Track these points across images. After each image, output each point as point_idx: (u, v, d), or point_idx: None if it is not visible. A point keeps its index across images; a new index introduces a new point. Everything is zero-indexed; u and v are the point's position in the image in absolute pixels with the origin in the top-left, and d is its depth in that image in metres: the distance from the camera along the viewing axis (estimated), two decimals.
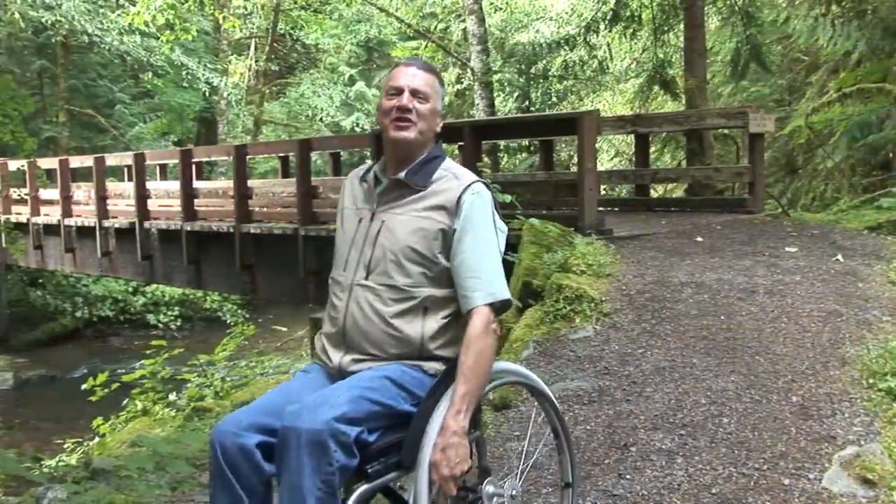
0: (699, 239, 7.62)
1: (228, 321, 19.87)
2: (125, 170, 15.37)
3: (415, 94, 2.68)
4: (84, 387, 9.45)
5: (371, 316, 2.61)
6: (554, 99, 20.45)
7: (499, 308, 2.65)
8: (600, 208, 8.23)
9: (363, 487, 2.42)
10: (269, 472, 2.43)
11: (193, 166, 12.82)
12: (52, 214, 15.55)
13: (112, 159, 15.38)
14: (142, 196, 13.28)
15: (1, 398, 15.73)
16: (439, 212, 2.63)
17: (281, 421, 2.38)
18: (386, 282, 2.61)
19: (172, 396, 9.17)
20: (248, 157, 12.51)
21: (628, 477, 3.61)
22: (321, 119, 27.42)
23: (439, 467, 2.43)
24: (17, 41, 23.09)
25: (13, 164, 16.50)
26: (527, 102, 20.31)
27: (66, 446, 9.18)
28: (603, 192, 12.87)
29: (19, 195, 16.12)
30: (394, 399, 2.51)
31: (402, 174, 2.68)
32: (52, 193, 15.54)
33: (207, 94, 24.75)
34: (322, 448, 2.29)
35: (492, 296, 2.61)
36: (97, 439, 8.93)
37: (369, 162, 2.92)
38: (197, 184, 12.90)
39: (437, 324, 2.63)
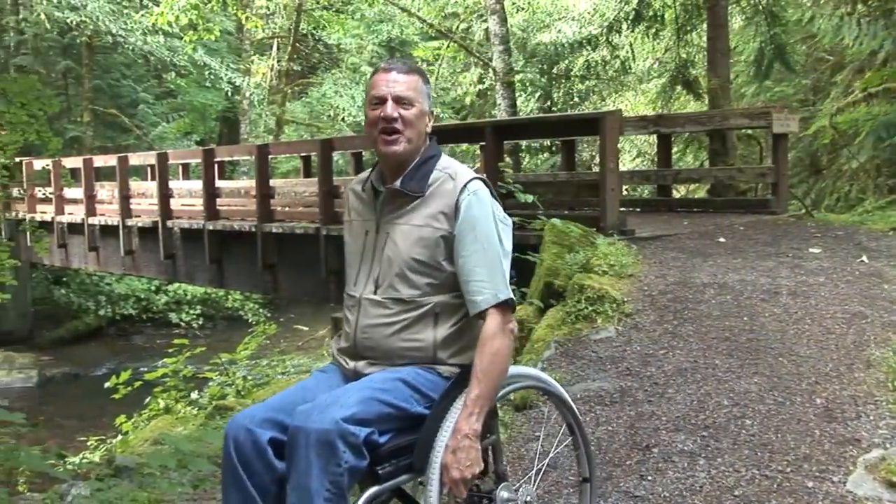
0: (722, 240, 7.58)
1: (250, 320, 19.94)
2: (148, 169, 15.48)
3: (398, 101, 2.61)
4: (107, 385, 9.51)
5: (381, 330, 2.59)
6: (576, 99, 20.39)
7: (509, 308, 2.60)
8: (622, 209, 8.20)
9: (373, 489, 2.40)
10: (281, 471, 2.40)
11: (216, 166, 12.89)
12: (76, 213, 15.66)
13: (135, 159, 15.49)
14: (164, 195, 13.35)
15: (25, 395, 15.87)
16: (438, 218, 2.60)
17: (291, 420, 2.37)
18: (393, 295, 2.59)
19: (194, 395, 9.20)
20: (270, 156, 12.55)
21: (650, 478, 3.58)
22: (343, 119, 27.45)
23: (450, 470, 2.42)
24: (43, 42, 23.28)
25: (38, 164, 16.63)
26: (549, 102, 20.26)
27: (89, 443, 9.24)
28: (625, 193, 12.83)
29: (44, 194, 16.27)
30: (406, 401, 2.49)
31: (397, 183, 2.64)
32: (76, 192, 15.66)
33: (230, 93, 24.87)
34: (330, 448, 2.27)
35: (496, 297, 2.57)
36: (120, 437, 8.98)
37: (367, 171, 2.87)
38: (219, 183, 12.96)
39: (448, 330, 2.61)
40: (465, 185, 2.61)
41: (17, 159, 14.01)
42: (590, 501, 2.99)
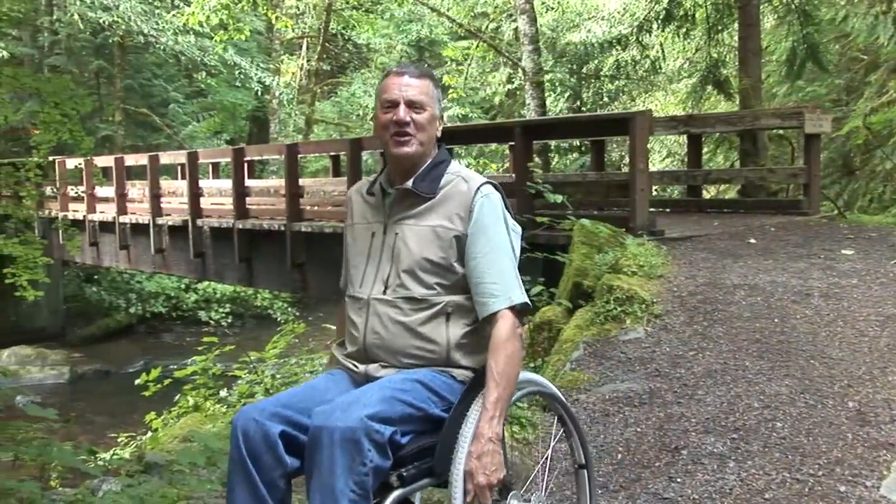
0: (752, 241, 7.52)
1: (279, 319, 19.99)
2: (178, 168, 15.59)
3: (410, 105, 2.61)
4: (137, 382, 9.56)
5: (393, 328, 2.56)
6: (605, 99, 20.33)
7: (520, 311, 2.58)
8: (652, 209, 8.15)
9: (398, 492, 2.35)
10: (290, 467, 2.37)
11: (245, 165, 12.95)
12: (107, 212, 15.79)
13: (166, 157, 15.60)
14: (194, 194, 13.44)
15: (58, 391, 16.03)
16: (452, 219, 2.59)
17: (311, 421, 2.32)
18: (404, 294, 2.56)
19: (223, 393, 9.23)
20: (299, 155, 12.60)
21: (679, 480, 3.56)
22: (372, 118, 27.51)
23: (475, 476, 2.37)
24: (76, 42, 23.52)
25: (71, 163, 16.78)
26: (578, 102, 20.20)
27: (119, 440, 9.31)
28: (654, 193, 12.77)
29: (76, 193, 16.42)
30: (425, 402, 2.45)
31: (409, 183, 2.63)
32: (107, 191, 15.77)
33: (260, 93, 25.00)
34: (356, 446, 2.23)
35: (510, 300, 2.55)
36: (150, 434, 9.04)
37: (372, 175, 2.86)
38: (249, 182, 13.03)
39: (462, 330, 2.58)
40: (478, 188, 2.61)
41: (51, 158, 14.16)
42: (588, 488, 2.93)
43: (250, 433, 2.36)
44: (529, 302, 2.63)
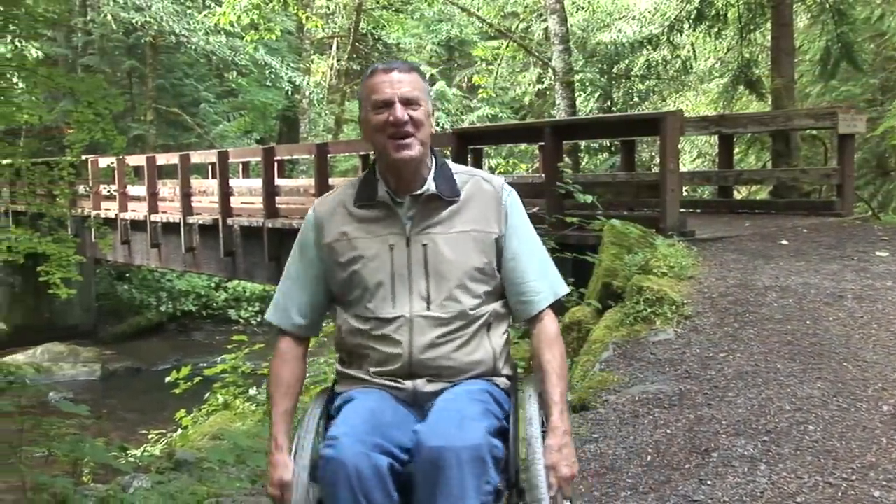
0: (784, 242, 7.45)
1: None
2: (209, 167, 15.71)
3: (406, 102, 2.40)
4: (168, 380, 9.66)
5: (445, 347, 2.40)
6: (636, 99, 20.21)
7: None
8: (682, 210, 8.10)
9: None
10: (396, 502, 2.18)
11: (275, 164, 13.02)
12: (139, 210, 15.92)
13: (197, 157, 15.72)
14: (225, 193, 13.51)
15: (89, 388, 16.21)
16: (487, 220, 2.47)
17: (423, 441, 2.15)
18: (454, 308, 2.40)
19: (253, 391, 9.29)
20: (329, 155, 12.64)
21: (709, 483, 3.53)
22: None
23: (559, 468, 2.27)
24: (109, 42, 23.79)
25: (103, 162, 16.94)
26: (608, 102, 20.12)
27: (150, 437, 9.39)
28: (685, 194, 12.67)
29: (109, 191, 16.58)
30: (498, 413, 2.36)
31: (431, 187, 2.45)
32: (139, 190, 15.91)
33: (290, 92, 25.13)
34: (482, 465, 2.11)
35: (555, 294, 2.52)
36: (180, 431, 9.11)
37: (341, 187, 2.62)
38: (279, 181, 13.08)
39: (501, 339, 2.50)
40: (502, 186, 2.53)
41: (83, 157, 14.30)
42: None
43: (361, 469, 2.13)
44: (567, 287, 2.60)
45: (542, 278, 2.51)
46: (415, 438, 2.19)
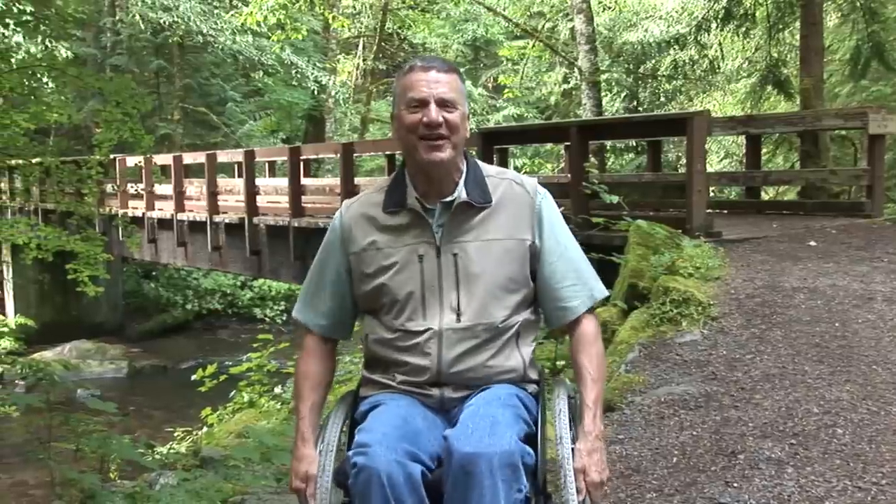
0: (812, 243, 7.39)
1: None
2: (235, 166, 15.79)
3: (442, 104, 2.30)
4: (193, 378, 9.72)
5: (476, 359, 2.34)
6: (662, 99, 20.12)
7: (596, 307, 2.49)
8: (709, 210, 8.05)
9: None
10: None
11: (301, 163, 13.06)
12: (165, 209, 16.03)
13: (223, 156, 15.80)
14: (251, 192, 13.57)
15: (116, 385, 16.35)
16: (518, 228, 2.40)
17: (455, 447, 2.09)
18: (485, 320, 2.34)
19: (278, 389, 9.33)
20: (354, 154, 12.67)
21: (736, 485, 3.50)
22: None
23: (589, 472, 2.22)
24: (137, 42, 23.99)
25: (131, 161, 17.08)
26: (634, 102, 20.04)
27: (176, 434, 9.45)
28: (712, 194, 12.60)
29: (136, 190, 16.71)
30: (527, 418, 2.31)
31: (462, 194, 2.36)
32: (166, 189, 16.02)
33: (316, 92, 25.24)
34: (514, 472, 2.06)
35: (592, 298, 2.48)
36: (205, 429, 9.17)
37: (370, 190, 2.54)
38: (304, 181, 13.13)
39: (530, 347, 2.46)
40: (535, 188, 2.45)
41: (111, 156, 14.42)
42: None
43: (394, 477, 2.07)
44: (607, 292, 2.56)
45: (579, 282, 2.46)
46: (444, 444, 2.15)
